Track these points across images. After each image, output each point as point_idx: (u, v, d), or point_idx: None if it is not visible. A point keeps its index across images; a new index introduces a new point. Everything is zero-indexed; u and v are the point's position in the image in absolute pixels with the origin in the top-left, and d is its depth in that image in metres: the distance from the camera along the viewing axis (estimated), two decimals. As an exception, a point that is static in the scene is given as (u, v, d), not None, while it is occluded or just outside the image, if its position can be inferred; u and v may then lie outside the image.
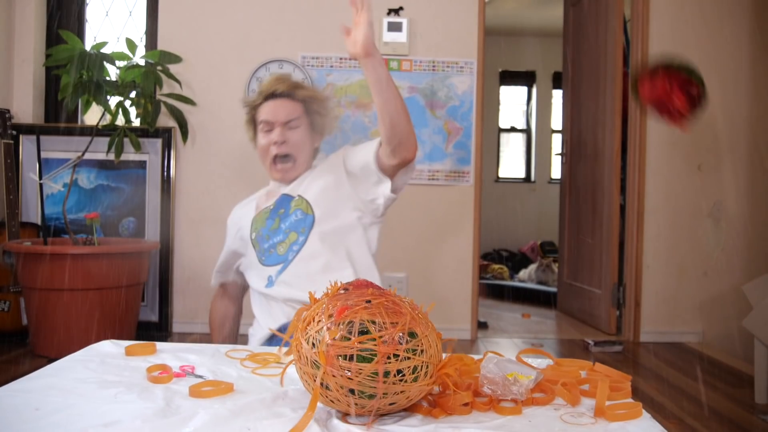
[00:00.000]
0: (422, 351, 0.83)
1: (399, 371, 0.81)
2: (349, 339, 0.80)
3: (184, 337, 3.10)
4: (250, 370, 1.10)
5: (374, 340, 0.80)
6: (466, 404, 0.90)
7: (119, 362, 1.13)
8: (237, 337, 1.86)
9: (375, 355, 0.80)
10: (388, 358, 0.80)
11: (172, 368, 1.07)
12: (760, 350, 2.44)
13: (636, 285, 3.33)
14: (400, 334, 0.81)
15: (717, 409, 2.24)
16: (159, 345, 1.23)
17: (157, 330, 3.15)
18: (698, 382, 2.56)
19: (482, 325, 3.51)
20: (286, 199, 1.65)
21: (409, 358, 0.81)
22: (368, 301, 0.84)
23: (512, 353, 1.52)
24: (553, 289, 4.44)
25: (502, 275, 5.22)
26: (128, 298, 2.77)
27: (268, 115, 1.65)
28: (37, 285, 2.61)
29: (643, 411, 0.91)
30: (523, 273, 5.20)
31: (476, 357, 1.11)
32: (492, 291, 4.74)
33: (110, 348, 1.21)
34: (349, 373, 0.80)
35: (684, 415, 2.15)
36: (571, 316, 3.95)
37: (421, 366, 0.83)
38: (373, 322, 0.81)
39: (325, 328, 0.82)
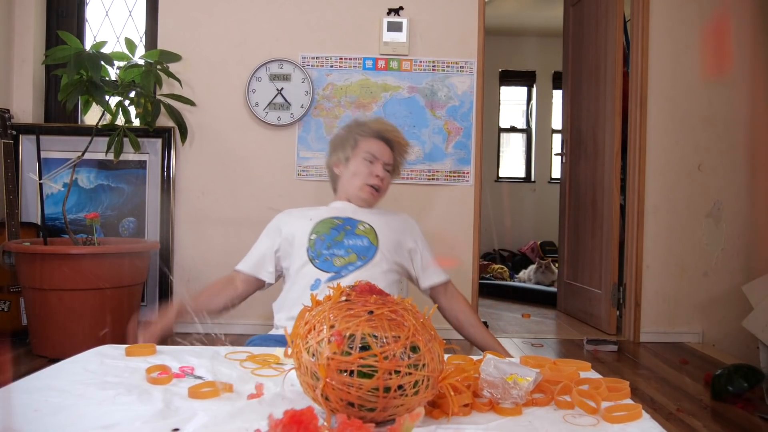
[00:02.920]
0: (424, 365, 0.81)
1: (400, 386, 0.80)
2: (350, 354, 0.79)
3: (184, 337, 3.09)
4: (250, 371, 1.10)
5: (375, 356, 0.79)
6: (466, 405, 0.90)
7: (118, 363, 1.12)
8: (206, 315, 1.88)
9: (376, 371, 0.78)
10: (390, 374, 0.79)
11: (172, 369, 1.07)
12: (764, 351, 2.45)
13: (636, 285, 3.33)
14: (402, 350, 0.80)
15: (717, 409, 2.24)
16: (159, 346, 1.23)
17: (157, 330, 3.14)
18: (698, 382, 2.55)
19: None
20: (354, 221, 1.80)
21: (410, 373, 0.80)
22: (370, 312, 0.83)
23: (512, 353, 1.51)
24: (553, 289, 4.44)
25: (502, 275, 5.22)
26: (128, 298, 2.77)
27: (377, 151, 1.90)
28: (37, 285, 2.61)
29: (643, 412, 0.91)
30: (523, 273, 5.20)
31: (476, 358, 1.11)
32: (492, 291, 4.74)
33: (110, 350, 1.21)
34: (349, 387, 0.79)
35: (684, 414, 2.15)
36: (571, 316, 3.95)
37: (423, 380, 0.82)
38: (375, 336, 0.80)
39: (325, 341, 0.81)
